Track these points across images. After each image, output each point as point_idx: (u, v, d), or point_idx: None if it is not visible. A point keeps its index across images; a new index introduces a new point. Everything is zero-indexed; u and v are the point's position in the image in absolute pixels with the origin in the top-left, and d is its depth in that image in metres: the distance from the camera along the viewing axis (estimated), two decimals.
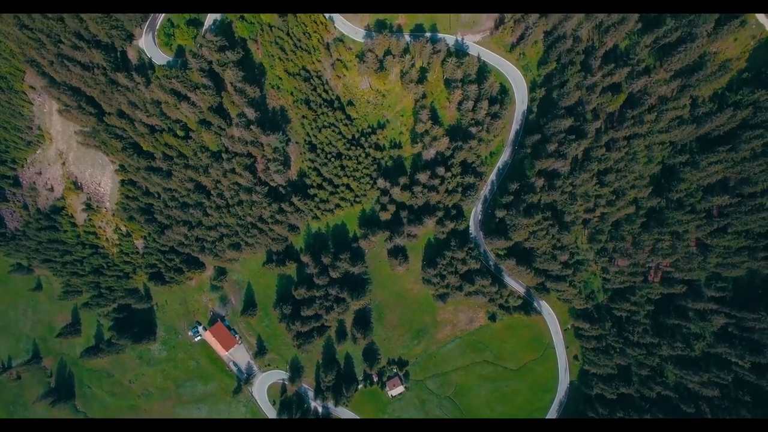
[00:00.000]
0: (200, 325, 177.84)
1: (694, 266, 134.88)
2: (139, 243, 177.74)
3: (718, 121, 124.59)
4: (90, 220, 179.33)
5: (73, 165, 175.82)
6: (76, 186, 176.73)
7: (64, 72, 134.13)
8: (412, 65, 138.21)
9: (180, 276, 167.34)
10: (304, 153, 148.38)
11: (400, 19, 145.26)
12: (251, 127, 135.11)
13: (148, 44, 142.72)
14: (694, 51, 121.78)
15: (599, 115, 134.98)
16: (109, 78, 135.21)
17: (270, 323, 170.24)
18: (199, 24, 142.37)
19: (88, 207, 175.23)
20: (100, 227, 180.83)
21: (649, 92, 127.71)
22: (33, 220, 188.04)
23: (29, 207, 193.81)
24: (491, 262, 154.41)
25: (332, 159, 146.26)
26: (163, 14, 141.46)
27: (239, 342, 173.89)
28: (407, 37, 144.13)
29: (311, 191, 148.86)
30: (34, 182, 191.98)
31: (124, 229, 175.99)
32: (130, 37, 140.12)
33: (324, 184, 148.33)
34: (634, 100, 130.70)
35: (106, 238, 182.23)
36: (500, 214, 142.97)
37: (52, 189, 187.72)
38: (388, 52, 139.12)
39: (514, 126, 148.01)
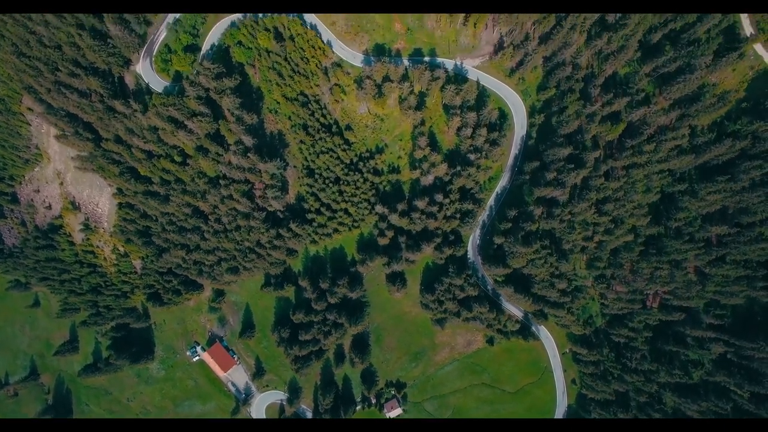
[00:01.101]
0: (198, 345, 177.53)
1: (692, 294, 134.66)
2: (137, 263, 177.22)
3: (717, 151, 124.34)
4: (88, 239, 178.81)
5: (71, 185, 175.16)
6: (74, 206, 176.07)
7: (61, 99, 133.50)
8: (411, 92, 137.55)
9: (178, 298, 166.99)
10: (302, 177, 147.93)
11: (399, 43, 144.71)
12: (249, 154, 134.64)
13: (145, 69, 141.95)
14: (693, 82, 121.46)
15: (598, 143, 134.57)
16: (107, 105, 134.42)
17: (268, 344, 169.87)
18: (196, 49, 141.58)
19: (86, 227, 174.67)
20: (98, 247, 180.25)
21: (648, 122, 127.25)
22: (31, 238, 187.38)
23: (27, 224, 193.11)
24: (489, 287, 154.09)
25: (330, 184, 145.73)
26: (161, 39, 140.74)
27: (237, 363, 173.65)
28: (406, 62, 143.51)
29: (309, 216, 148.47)
30: (32, 199, 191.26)
31: (122, 249, 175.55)
32: (128, 63, 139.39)
33: (322, 209, 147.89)
34: (634, 129, 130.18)
35: (104, 257, 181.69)
36: (498, 240, 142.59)
37: (50, 207, 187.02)
38: (386, 78, 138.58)
39: (513, 150, 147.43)
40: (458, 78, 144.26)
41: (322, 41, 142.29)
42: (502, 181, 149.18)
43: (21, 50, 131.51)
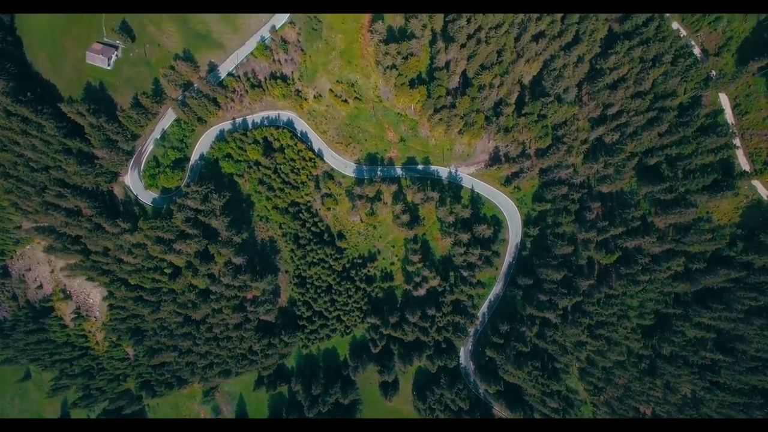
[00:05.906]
0: None
1: (686, 416, 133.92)
2: (130, 350, 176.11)
3: (712, 280, 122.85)
4: (80, 325, 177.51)
5: (62, 273, 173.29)
6: (65, 294, 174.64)
7: (49, 218, 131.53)
8: (403, 211, 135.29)
9: (170, 391, 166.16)
10: (294, 285, 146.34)
11: (392, 151, 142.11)
12: (239, 275, 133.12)
13: (133, 181, 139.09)
14: (689, 215, 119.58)
15: (594, 263, 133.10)
16: (95, 223, 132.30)
17: None
18: (185, 160, 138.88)
19: (78, 316, 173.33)
20: (90, 332, 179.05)
21: (643, 250, 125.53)
22: (22, 315, 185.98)
23: (18, 298, 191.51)
24: (481, 390, 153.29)
25: (322, 294, 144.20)
26: (149, 150, 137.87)
27: None
28: (399, 171, 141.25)
29: (301, 322, 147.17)
30: (23, 275, 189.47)
31: (114, 337, 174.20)
32: (116, 176, 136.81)
33: (314, 317, 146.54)
34: (629, 256, 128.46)
35: (96, 342, 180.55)
36: (490, 353, 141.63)
37: (41, 286, 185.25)
38: (379, 194, 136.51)
39: (507, 258, 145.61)
40: (452, 186, 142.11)
41: (313, 151, 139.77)
42: (496, 288, 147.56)
43: (7, 170, 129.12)
